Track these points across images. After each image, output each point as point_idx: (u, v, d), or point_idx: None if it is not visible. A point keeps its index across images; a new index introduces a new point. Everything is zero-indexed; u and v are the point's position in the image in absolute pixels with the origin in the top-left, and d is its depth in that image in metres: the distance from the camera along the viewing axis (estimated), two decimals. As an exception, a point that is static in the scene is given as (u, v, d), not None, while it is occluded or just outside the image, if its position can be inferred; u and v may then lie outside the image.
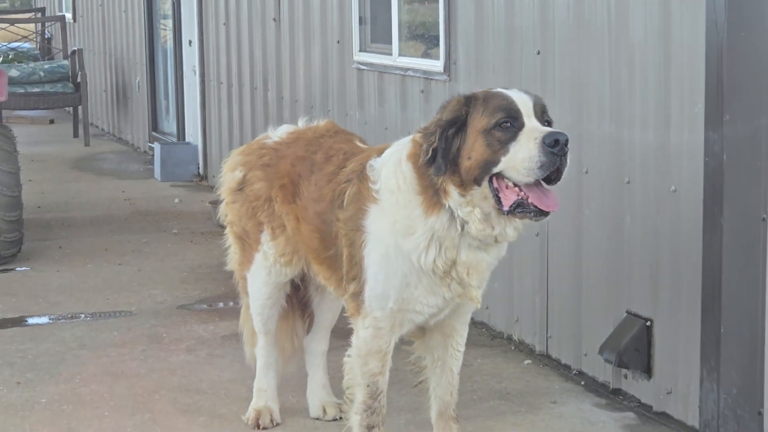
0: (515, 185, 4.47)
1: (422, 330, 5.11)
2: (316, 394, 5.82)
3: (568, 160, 4.45)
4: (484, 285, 4.92)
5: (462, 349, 5.19)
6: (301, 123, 5.66)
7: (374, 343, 4.91)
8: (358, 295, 4.93)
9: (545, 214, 4.50)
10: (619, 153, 5.94)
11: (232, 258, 5.83)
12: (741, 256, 5.30)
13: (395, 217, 4.74)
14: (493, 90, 4.67)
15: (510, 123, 4.50)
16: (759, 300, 5.35)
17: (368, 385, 4.97)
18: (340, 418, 5.61)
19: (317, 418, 5.76)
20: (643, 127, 5.75)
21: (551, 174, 4.45)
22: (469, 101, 4.62)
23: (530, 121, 4.51)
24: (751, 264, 5.32)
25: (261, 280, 5.60)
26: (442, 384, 5.17)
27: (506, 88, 4.66)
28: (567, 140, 4.41)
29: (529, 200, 4.47)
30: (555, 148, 4.39)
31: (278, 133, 5.64)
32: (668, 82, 5.56)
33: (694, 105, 5.38)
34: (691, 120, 5.41)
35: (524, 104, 4.55)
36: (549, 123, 4.58)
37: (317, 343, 5.86)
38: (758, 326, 5.37)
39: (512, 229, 4.66)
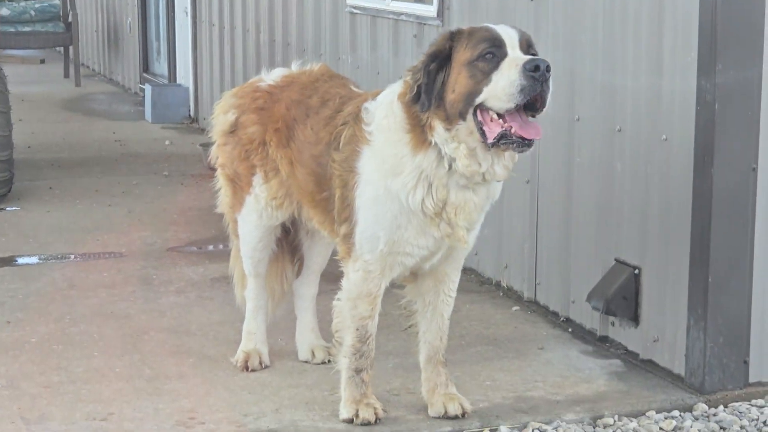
0: (499, 117, 4.50)
1: (414, 275, 5.14)
2: (305, 337, 5.85)
3: (551, 87, 4.47)
4: (477, 228, 4.94)
5: (453, 294, 5.21)
6: (295, 66, 5.65)
7: (364, 286, 4.94)
8: (348, 237, 4.95)
9: (528, 144, 4.51)
10: (611, 101, 5.94)
11: (223, 200, 5.83)
12: (730, 206, 5.32)
13: (384, 156, 4.77)
14: (480, 25, 4.70)
15: (493, 54, 4.53)
16: (747, 250, 5.37)
17: (357, 329, 4.99)
18: (329, 361, 5.64)
19: (306, 361, 5.78)
20: (636, 75, 5.74)
21: (535, 102, 4.47)
22: (453, 36, 4.67)
23: (513, 52, 4.54)
24: (740, 214, 5.34)
25: (252, 223, 5.61)
26: (432, 329, 5.19)
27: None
28: (548, 66, 4.44)
29: (512, 130, 4.49)
30: (536, 73, 4.42)
31: (272, 76, 5.63)
32: (662, 30, 5.55)
33: (687, 53, 5.37)
34: (684, 68, 5.40)
35: (509, 36, 4.58)
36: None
37: (307, 287, 5.88)
38: (746, 276, 5.40)
39: (501, 167, 4.68)
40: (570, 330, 6.28)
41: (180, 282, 7.10)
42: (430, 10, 7.53)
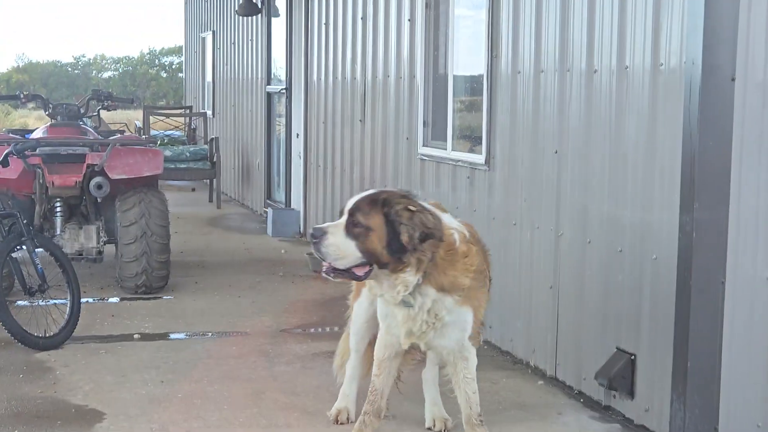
0: None
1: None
2: (430, 409, 5.64)
3: (322, 248, 4.64)
4: (440, 337, 4.94)
5: (471, 376, 5.11)
6: None
7: (376, 351, 5.13)
8: None
9: (329, 274, 4.71)
10: (614, 228, 5.92)
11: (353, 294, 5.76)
12: (705, 310, 5.24)
13: None
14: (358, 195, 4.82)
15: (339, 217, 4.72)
16: (717, 343, 5.28)
17: (371, 381, 5.14)
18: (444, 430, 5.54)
19: (429, 428, 5.60)
20: (633, 209, 5.73)
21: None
22: None
23: (340, 218, 4.69)
24: (712, 316, 5.26)
25: (362, 307, 5.55)
26: (462, 400, 5.15)
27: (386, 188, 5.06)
28: (315, 234, 4.63)
29: None
30: (312, 239, 4.68)
31: None
32: (653, 175, 5.54)
33: (672, 194, 5.36)
34: (670, 206, 5.38)
35: (348, 206, 4.69)
36: (353, 220, 4.63)
37: (429, 373, 5.68)
38: (716, 363, 5.30)
39: (390, 294, 4.72)
40: (581, 400, 6.19)
41: (289, 355, 7.09)
42: (480, 159, 7.57)
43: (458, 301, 4.83)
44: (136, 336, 7.61)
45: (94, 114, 10.64)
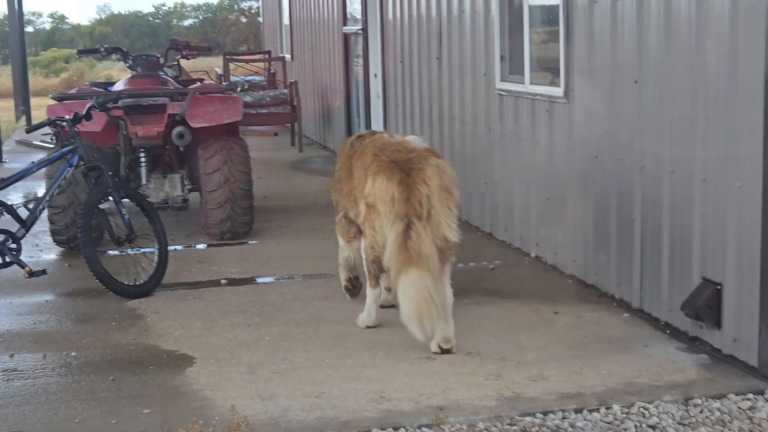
0: None
1: None
2: None
3: None
4: None
5: None
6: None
7: None
8: None
9: None
10: (697, 158, 5.82)
11: None
12: (791, 237, 5.17)
13: None
14: None
15: None
16: (806, 270, 5.22)
17: None
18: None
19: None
20: (716, 138, 5.63)
21: None
22: None
23: None
24: (799, 243, 5.19)
25: None
26: None
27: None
28: None
29: None
30: None
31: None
32: (734, 103, 5.43)
33: (755, 121, 5.25)
34: (752, 132, 5.28)
35: None
36: None
37: None
38: (805, 291, 5.24)
39: None
40: (668, 332, 6.16)
41: (373, 296, 7.17)
42: (558, 92, 7.50)
43: None
44: (223, 281, 7.76)
45: (174, 63, 10.78)
